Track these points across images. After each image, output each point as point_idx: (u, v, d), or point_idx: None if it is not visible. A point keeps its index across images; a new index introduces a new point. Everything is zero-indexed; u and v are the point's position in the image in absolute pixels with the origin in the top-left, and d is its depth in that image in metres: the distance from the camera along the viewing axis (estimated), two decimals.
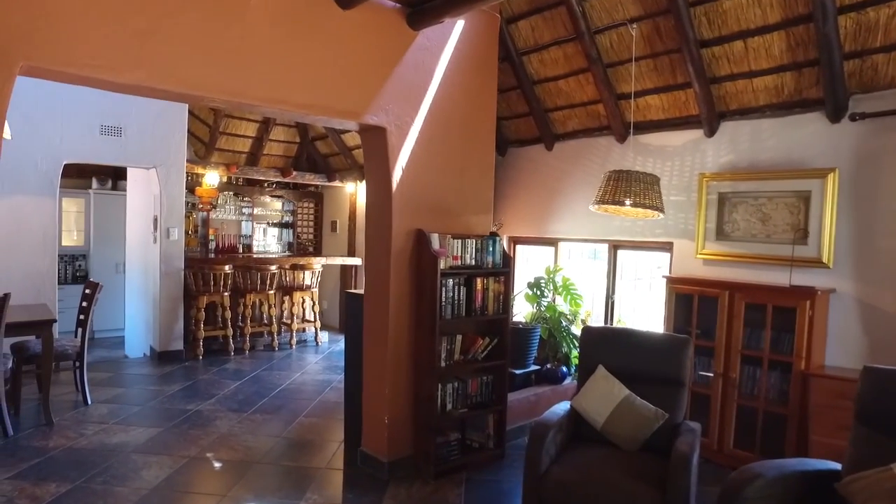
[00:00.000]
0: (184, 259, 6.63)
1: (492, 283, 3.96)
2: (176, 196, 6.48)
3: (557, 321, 4.94)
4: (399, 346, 3.68)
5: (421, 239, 3.69)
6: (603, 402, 3.17)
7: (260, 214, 9.41)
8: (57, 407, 4.83)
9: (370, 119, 3.47)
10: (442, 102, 3.85)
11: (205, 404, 5.03)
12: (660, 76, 4.49)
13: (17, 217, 5.56)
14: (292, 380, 5.96)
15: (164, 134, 6.37)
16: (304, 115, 3.23)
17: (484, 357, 3.98)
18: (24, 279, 5.56)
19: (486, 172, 4.20)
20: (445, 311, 3.70)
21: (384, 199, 3.63)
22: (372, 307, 3.76)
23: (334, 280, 8.93)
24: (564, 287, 5.18)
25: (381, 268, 3.65)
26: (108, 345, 7.60)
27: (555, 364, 5.01)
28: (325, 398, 5.35)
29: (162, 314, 6.45)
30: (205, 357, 6.67)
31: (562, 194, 5.74)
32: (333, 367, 6.58)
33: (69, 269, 8.40)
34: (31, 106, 5.55)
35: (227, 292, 6.81)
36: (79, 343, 4.91)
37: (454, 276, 3.75)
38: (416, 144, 3.71)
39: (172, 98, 2.88)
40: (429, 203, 3.80)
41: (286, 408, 5.04)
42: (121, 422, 4.54)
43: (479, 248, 3.92)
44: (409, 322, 3.72)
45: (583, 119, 5.41)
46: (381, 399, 3.69)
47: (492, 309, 3.97)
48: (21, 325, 4.28)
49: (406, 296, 3.69)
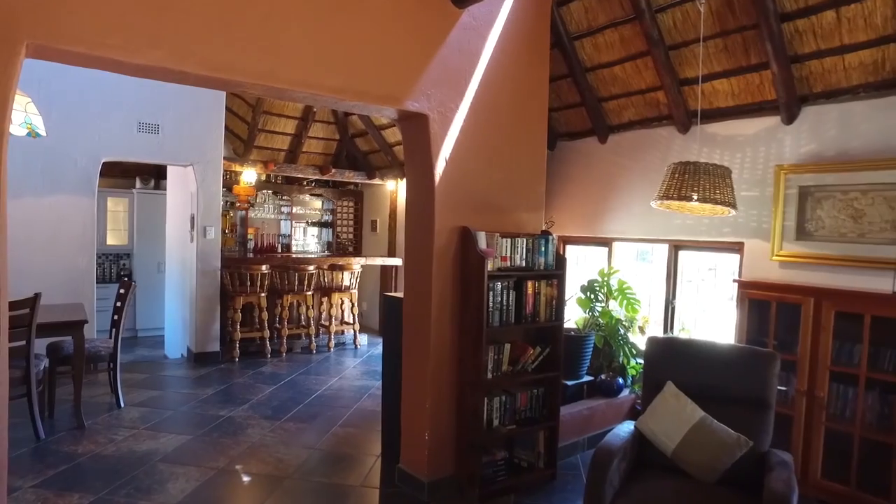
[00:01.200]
0: (220, 258, 6.47)
1: (544, 287, 3.59)
2: (213, 194, 6.33)
3: (614, 328, 4.52)
4: (441, 355, 3.35)
5: (466, 238, 3.35)
6: (674, 424, 2.77)
7: (299, 213, 9.25)
8: (90, 409, 4.71)
9: (411, 105, 3.15)
10: (489, 88, 3.51)
11: (237, 410, 4.81)
12: (730, 57, 4.03)
13: (57, 216, 5.50)
14: (329, 385, 5.71)
15: (200, 131, 6.23)
16: (337, 101, 2.94)
17: (534, 368, 3.62)
18: (63, 278, 5.50)
19: (538, 165, 3.83)
20: (493, 317, 3.36)
21: (426, 194, 3.31)
22: (412, 312, 3.44)
23: (374, 281, 8.69)
24: (620, 291, 4.76)
25: (423, 269, 3.33)
26: (150, 344, 7.56)
27: (609, 375, 4.59)
28: (362, 406, 5.07)
29: (198, 315, 6.31)
30: (241, 359, 6.50)
31: (617, 191, 5.32)
32: (372, 371, 6.31)
33: (114, 268, 8.45)
34: (69, 104, 5.49)
35: (264, 293, 6.63)
36: (112, 344, 4.76)
37: (503, 278, 3.40)
38: (460, 134, 3.38)
39: (192, 82, 2.63)
40: (474, 198, 3.47)
41: (321, 416, 4.78)
42: (151, 427, 4.36)
43: (529, 248, 3.56)
44: (453, 329, 3.39)
45: (640, 108, 4.97)
46: (421, 413, 3.37)
47: (544, 315, 3.60)
48: (52, 325, 4.14)
49: (449, 300, 3.36)
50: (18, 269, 5.42)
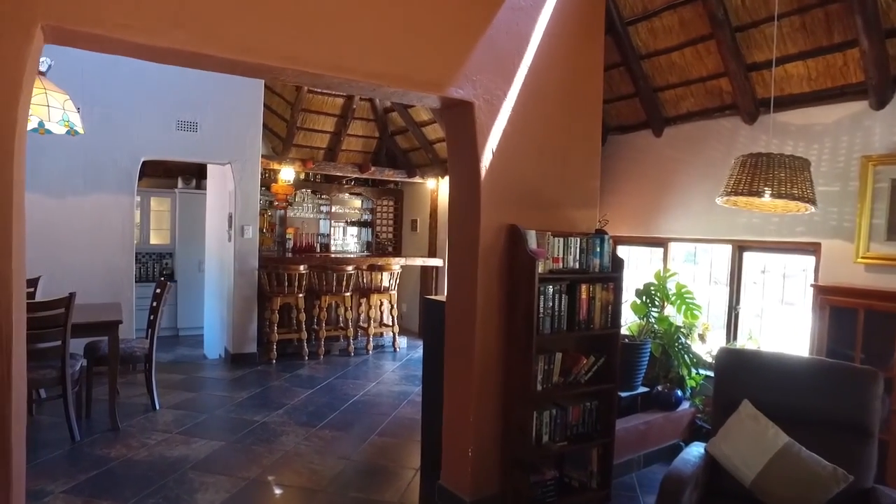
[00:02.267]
0: (258, 258, 6.36)
1: (599, 291, 3.27)
2: (250, 192, 6.22)
3: (673, 336, 4.16)
4: (487, 364, 3.08)
5: (514, 237, 3.07)
6: (753, 450, 2.42)
7: (338, 213, 9.12)
8: (126, 410, 4.63)
9: (455, 92, 2.89)
10: (538, 74, 3.22)
11: (272, 415, 4.65)
12: (808, 37, 3.62)
13: (98, 215, 5.47)
14: (367, 390, 5.51)
15: (238, 128, 6.13)
16: (375, 88, 2.70)
17: (588, 379, 3.31)
18: (103, 277, 5.47)
19: (592, 158, 3.52)
20: (544, 324, 3.06)
21: (471, 190, 3.05)
22: (455, 317, 3.18)
23: (414, 282, 8.48)
24: (678, 295, 4.38)
25: (467, 271, 3.06)
26: (190, 343, 7.54)
27: (666, 386, 4.23)
28: (401, 414, 4.84)
29: (236, 315, 6.21)
30: (278, 361, 6.37)
31: (673, 187, 4.94)
32: (411, 376, 6.08)
33: (156, 267, 8.50)
34: (110, 104, 5.46)
35: (301, 294, 6.49)
36: (147, 345, 4.67)
37: (554, 281, 3.10)
38: (508, 124, 3.10)
39: (218, 66, 2.43)
40: (523, 194, 3.18)
41: (358, 423, 4.57)
42: (185, 431, 4.23)
43: (583, 248, 3.25)
44: (500, 336, 3.11)
45: (700, 98, 4.59)
46: (464, 427, 3.10)
47: (599, 322, 3.29)
48: (87, 325, 4.05)
49: (496, 305, 3.08)
50: (60, 268, 5.46)
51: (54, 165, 5.29)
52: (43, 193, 5.25)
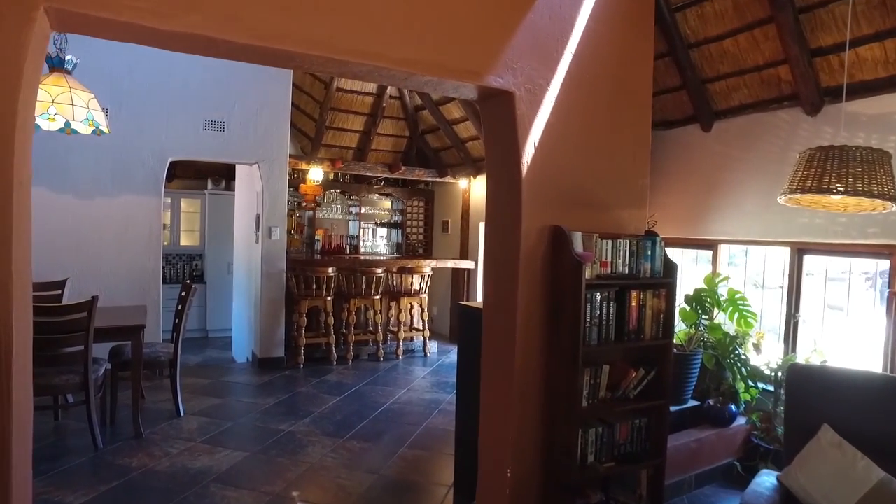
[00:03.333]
0: (286, 260, 6.21)
1: (650, 298, 2.99)
2: (278, 193, 6.08)
3: (728, 347, 3.84)
4: (528, 378, 2.82)
5: (559, 239, 2.81)
6: (838, 484, 2.11)
7: (367, 214, 8.95)
8: (151, 416, 4.52)
9: (494, 81, 2.64)
10: (583, 62, 2.95)
11: (299, 424, 4.47)
12: (888, 15, 3.27)
13: (125, 216, 5.39)
14: (396, 398, 5.29)
15: (266, 128, 5.99)
16: (407, 76, 2.48)
17: (637, 394, 3.02)
18: (130, 279, 5.39)
19: (641, 154, 3.23)
20: (590, 334, 2.79)
21: (511, 188, 2.79)
22: (493, 326, 2.93)
23: (445, 284, 8.25)
24: (731, 301, 4.06)
25: (506, 276, 2.81)
26: (219, 345, 7.47)
27: (718, 400, 3.91)
28: (432, 424, 4.61)
29: (263, 318, 6.07)
30: (305, 366, 6.21)
31: (723, 185, 4.61)
32: (443, 383, 5.86)
33: (186, 269, 8.47)
34: (137, 104, 5.39)
35: (330, 297, 6.32)
36: (172, 350, 4.53)
37: (602, 288, 2.83)
38: (551, 115, 2.83)
39: (236, 53, 2.23)
40: (568, 192, 2.91)
41: (388, 434, 4.36)
42: (209, 440, 4.08)
43: (633, 251, 2.97)
44: (542, 347, 2.85)
45: (755, 88, 4.25)
46: (502, 446, 2.85)
47: (649, 331, 3.00)
48: (109, 330, 3.93)
49: (538, 313, 2.82)
50: (88, 270, 5.38)
51: (83, 166, 5.23)
52: (72, 195, 5.19)
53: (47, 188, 5.10)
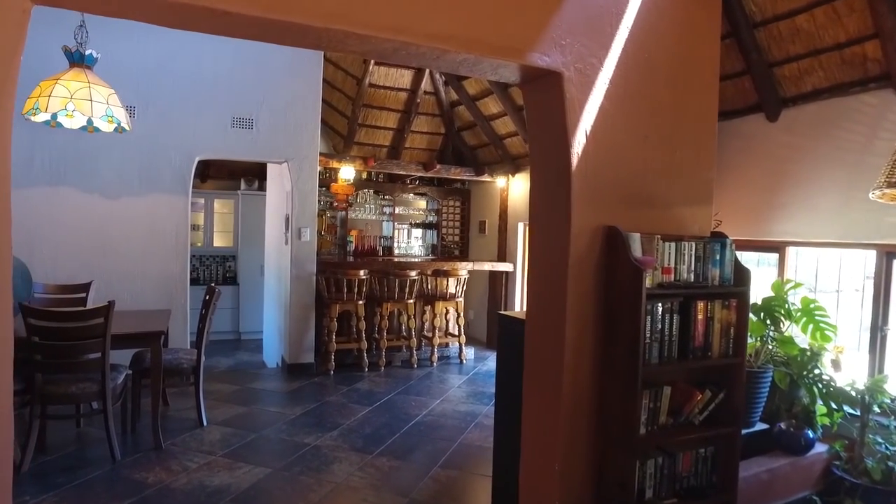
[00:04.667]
0: (316, 262, 5.97)
1: (718, 310, 2.59)
2: (308, 192, 5.85)
3: (805, 363, 3.39)
4: (577, 399, 2.47)
5: (614, 241, 2.44)
6: None
7: (401, 214, 8.67)
8: (173, 425, 4.32)
9: (539, 59, 2.30)
10: (641, 40, 2.58)
11: (326, 437, 4.20)
12: None
13: (153, 216, 5.24)
14: (430, 409, 4.98)
15: (295, 125, 5.76)
16: (440, 54, 2.16)
17: (703, 420, 2.63)
18: (156, 281, 5.24)
19: (706, 144, 2.83)
20: (650, 351, 2.42)
21: (559, 183, 2.44)
22: (538, 340, 2.58)
23: (482, 287, 7.91)
24: (805, 312, 3.59)
25: (554, 283, 2.46)
26: (251, 347, 7.33)
27: (791, 424, 3.46)
28: (468, 440, 4.27)
29: (292, 323, 5.85)
30: (336, 372, 5.96)
31: (791, 180, 4.15)
32: (479, 393, 5.52)
33: (220, 270, 8.38)
34: (165, 102, 5.23)
35: (362, 300, 6.05)
36: (195, 357, 4.33)
37: (664, 297, 2.45)
38: (605, 99, 2.48)
39: (242, 29, 1.92)
40: (624, 187, 2.55)
41: (420, 450, 4.05)
42: (230, 454, 3.84)
43: (699, 255, 2.58)
44: (594, 365, 2.49)
45: (833, 70, 3.78)
46: (548, 477, 2.50)
47: (717, 348, 2.61)
48: (126, 337, 3.72)
49: (590, 326, 2.47)
50: (115, 271, 5.20)
51: (110, 166, 5.09)
52: (99, 195, 5.06)
53: (75, 188, 4.98)
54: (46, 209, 4.90)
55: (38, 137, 4.82)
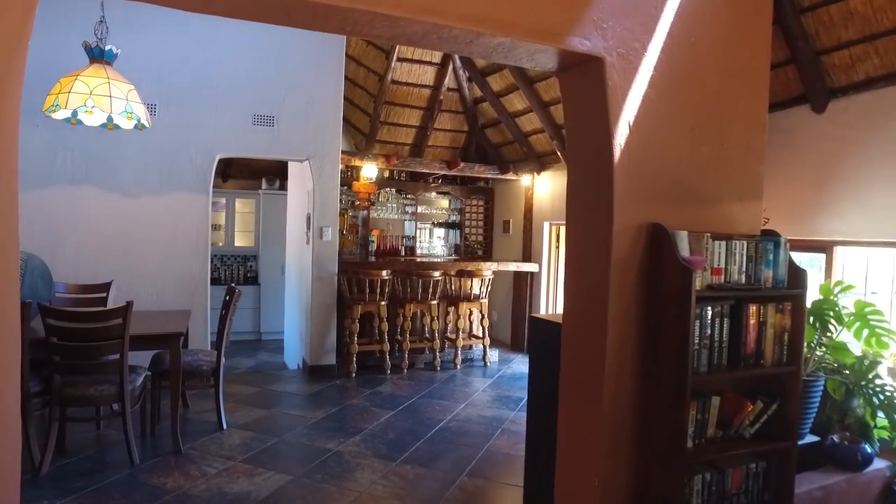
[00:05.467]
0: (338, 262, 5.86)
1: (772, 314, 2.39)
2: (330, 191, 5.73)
3: (863, 372, 3.15)
4: (619, 409, 2.29)
5: (659, 240, 2.26)
6: None
7: (424, 213, 8.52)
8: (193, 427, 4.24)
9: (579, 44, 2.13)
10: (687, 23, 2.40)
11: (348, 442, 4.07)
12: None
13: (173, 216, 5.17)
14: (455, 413, 4.82)
15: (317, 122, 5.65)
16: (473, 38, 2.00)
17: (754, 433, 2.44)
18: (177, 281, 5.17)
19: (756, 136, 2.63)
20: (699, 357, 2.24)
21: (599, 177, 2.27)
22: (576, 345, 2.41)
23: (506, 288, 7.73)
24: (859, 316, 3.35)
25: (594, 285, 2.29)
26: (272, 348, 7.25)
27: (845, 437, 3.22)
28: (495, 447, 4.11)
29: (314, 324, 5.74)
30: (357, 375, 5.83)
31: (840, 176, 3.91)
32: (505, 397, 5.35)
33: (241, 270, 8.33)
34: (184, 99, 5.16)
35: (384, 301, 5.92)
36: (215, 358, 4.23)
37: (714, 301, 2.27)
38: (649, 88, 2.30)
39: (269, 12, 1.79)
40: (670, 183, 2.37)
41: (445, 458, 3.89)
42: (250, 459, 3.73)
43: (751, 255, 2.38)
44: (636, 373, 2.31)
45: (891, 56, 3.55)
46: (585, 491, 2.33)
47: (770, 355, 2.41)
48: (144, 338, 3.63)
49: (632, 332, 2.29)
50: (135, 271, 5.11)
51: (131, 164, 5.03)
52: (120, 193, 5.00)
53: (96, 187, 4.93)
54: (68, 208, 4.86)
55: (59, 136, 4.78)
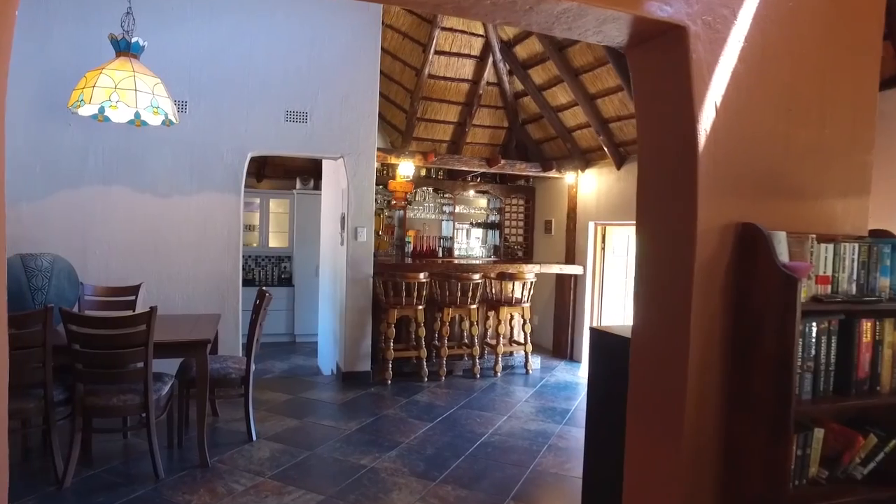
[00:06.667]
0: (373, 264, 5.60)
1: (889, 331, 2.00)
2: (365, 189, 5.48)
3: None
4: (702, 445, 1.94)
5: (752, 242, 1.90)
6: None
7: (462, 213, 8.21)
8: (221, 439, 4.04)
9: (658, 10, 1.79)
10: None
11: (384, 458, 3.79)
12: None
13: (204, 216, 4.99)
14: (496, 427, 4.50)
15: (351, 118, 5.41)
16: (532, 3, 1.68)
17: (868, 473, 2.04)
18: (208, 283, 4.99)
19: (864, 118, 2.24)
20: (802, 383, 1.87)
21: (680, 168, 1.93)
22: (648, 364, 2.07)
23: (547, 291, 7.37)
24: None
25: (672, 295, 1.94)
26: (306, 351, 7.08)
27: None
28: (542, 466, 3.77)
29: (348, 328, 5.50)
30: (393, 382, 5.56)
31: None
32: (549, 409, 5.00)
33: (275, 271, 8.20)
34: (216, 95, 4.98)
35: (421, 305, 5.64)
36: (244, 366, 4.01)
37: (820, 315, 1.89)
38: (739, 62, 1.94)
39: None
40: (761, 174, 2.00)
41: (488, 477, 3.58)
42: (279, 475, 3.49)
43: (863, 260, 2.00)
44: (722, 399, 1.96)
45: None
46: None
47: (889, 381, 2.01)
48: (168, 345, 3.42)
49: (717, 349, 1.93)
50: (166, 273, 4.90)
51: (161, 163, 4.87)
52: (151, 193, 4.85)
53: (126, 187, 4.79)
54: (99, 209, 4.73)
55: (91, 135, 4.66)
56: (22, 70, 4.49)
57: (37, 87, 4.51)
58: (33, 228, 4.54)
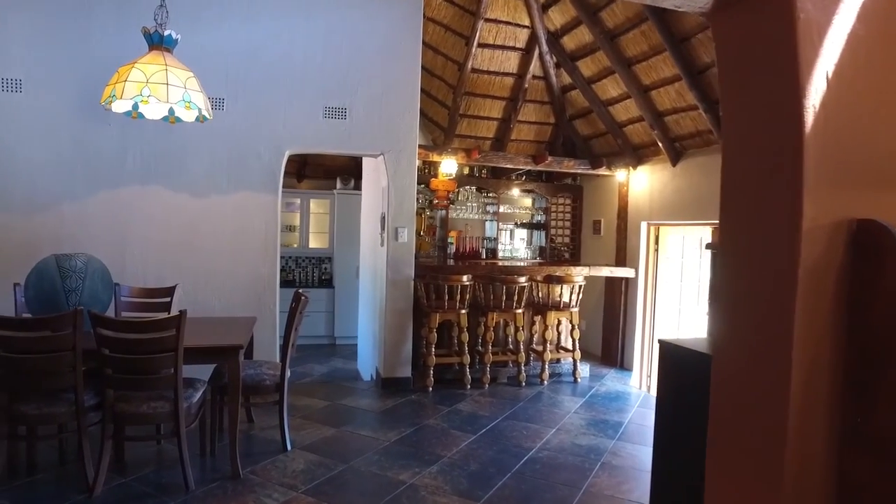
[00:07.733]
0: (414, 266, 5.37)
1: None
2: (406, 188, 5.25)
3: None
4: (808, 490, 1.60)
5: (875, 243, 1.55)
6: None
7: (506, 213, 7.90)
8: (254, 447, 3.88)
9: None
10: None
11: (424, 473, 3.54)
12: None
13: (241, 215, 4.86)
14: (545, 441, 4.20)
15: (392, 114, 5.19)
16: None
17: None
18: (245, 285, 4.86)
19: None
20: None
21: (779, 153, 1.60)
22: (735, 390, 1.74)
23: (595, 294, 7.00)
24: None
25: (767, 306, 1.61)
26: (346, 354, 6.93)
27: None
28: (596, 487, 3.45)
29: (388, 332, 5.28)
30: (434, 389, 5.32)
31: None
32: (600, 422, 4.66)
33: (315, 272, 8.09)
34: (253, 92, 4.85)
35: (464, 309, 5.38)
36: (279, 372, 3.83)
37: None
38: (857, 22, 1.60)
39: None
40: (887, 159, 1.65)
41: (537, 499, 3.28)
42: (314, 490, 3.28)
43: None
44: (834, 437, 1.61)
45: None
46: None
47: None
48: (199, 350, 3.25)
49: (826, 375, 1.59)
50: (202, 274, 4.71)
51: (198, 162, 4.77)
52: (187, 193, 4.75)
53: (163, 186, 4.70)
54: (138, 209, 4.66)
55: (129, 135, 4.60)
56: (65, 71, 4.46)
57: (79, 87, 4.46)
58: (75, 229, 4.50)
